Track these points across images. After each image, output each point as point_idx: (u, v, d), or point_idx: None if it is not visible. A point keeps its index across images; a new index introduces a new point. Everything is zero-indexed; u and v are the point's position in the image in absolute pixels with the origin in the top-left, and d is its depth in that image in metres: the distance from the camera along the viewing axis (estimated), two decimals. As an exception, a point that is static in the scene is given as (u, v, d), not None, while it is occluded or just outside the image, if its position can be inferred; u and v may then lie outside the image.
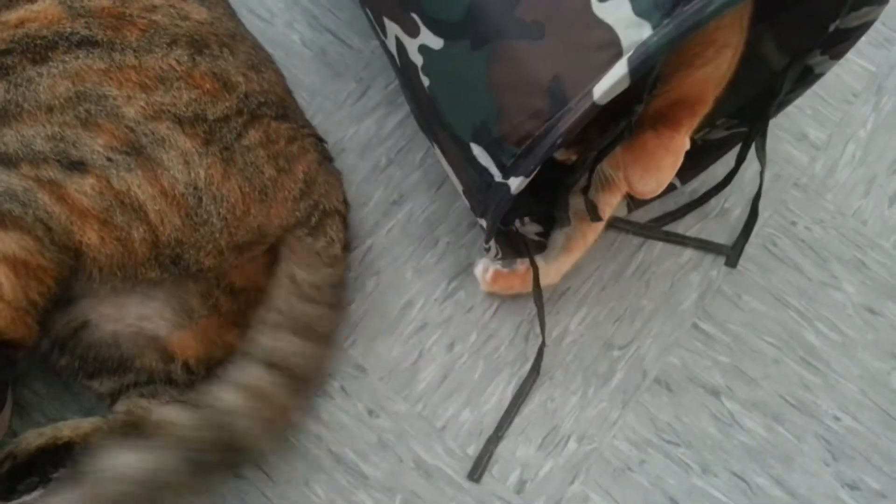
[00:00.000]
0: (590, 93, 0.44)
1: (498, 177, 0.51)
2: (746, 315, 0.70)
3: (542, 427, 0.67)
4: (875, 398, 0.68)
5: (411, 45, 0.55)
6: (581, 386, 0.68)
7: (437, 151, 0.61)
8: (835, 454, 0.67)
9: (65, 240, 0.54)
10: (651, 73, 0.49)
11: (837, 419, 0.68)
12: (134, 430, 0.60)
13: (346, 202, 0.67)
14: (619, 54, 0.44)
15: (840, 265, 0.72)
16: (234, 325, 0.63)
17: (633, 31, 0.43)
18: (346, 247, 0.67)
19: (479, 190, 0.54)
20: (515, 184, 0.49)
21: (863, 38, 0.59)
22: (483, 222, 0.56)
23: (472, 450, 0.66)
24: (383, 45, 0.62)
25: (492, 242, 0.60)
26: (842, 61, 0.64)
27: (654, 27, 0.43)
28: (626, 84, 0.44)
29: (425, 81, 0.55)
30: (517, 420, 0.67)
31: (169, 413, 0.57)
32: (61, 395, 0.65)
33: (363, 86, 0.75)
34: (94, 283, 0.56)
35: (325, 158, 0.67)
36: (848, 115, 0.76)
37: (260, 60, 0.65)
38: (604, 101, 0.44)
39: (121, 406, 0.61)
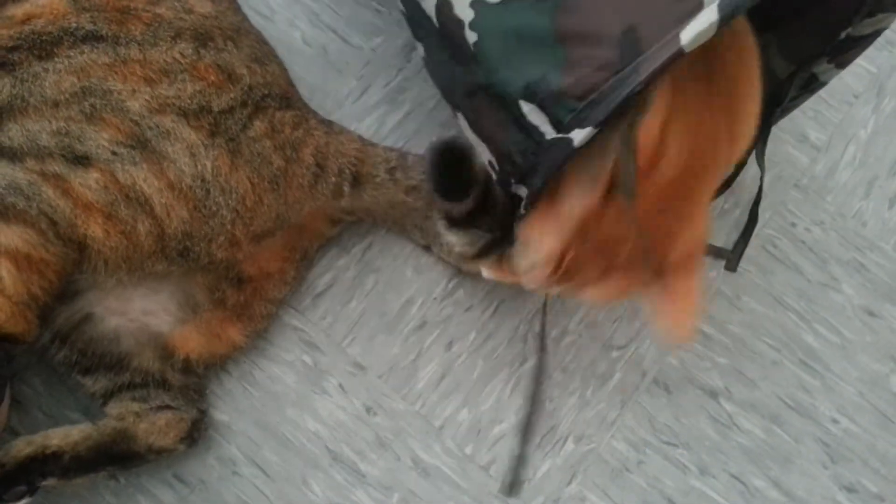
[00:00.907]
0: (675, 38, 0.43)
1: (550, 134, 0.49)
2: (745, 316, 0.70)
3: (541, 427, 0.67)
4: (873, 401, 0.68)
5: (461, 1, 0.53)
6: (579, 386, 0.68)
7: (464, 122, 0.59)
8: (833, 456, 0.67)
9: (69, 233, 0.54)
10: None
11: (836, 421, 0.68)
12: (123, 438, 0.60)
13: (361, 138, 0.68)
14: (700, 5, 0.43)
15: (840, 267, 0.72)
16: (239, 318, 0.63)
17: None
18: (394, 151, 0.69)
19: (524, 152, 0.52)
20: (581, 136, 0.47)
21: (864, 40, 0.59)
22: (522, 189, 0.54)
23: (470, 449, 0.66)
24: (411, 6, 0.59)
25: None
26: (843, 63, 0.64)
27: None
28: (714, 31, 0.42)
29: (471, 37, 0.53)
30: (515, 419, 0.67)
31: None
32: (59, 392, 0.65)
33: (364, 84, 0.75)
34: (99, 276, 0.57)
35: (330, 127, 0.67)
36: (849, 117, 0.76)
37: (264, 54, 0.65)
38: (692, 47, 0.43)
39: (113, 408, 0.62)
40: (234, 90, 0.59)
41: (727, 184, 0.69)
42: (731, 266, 0.70)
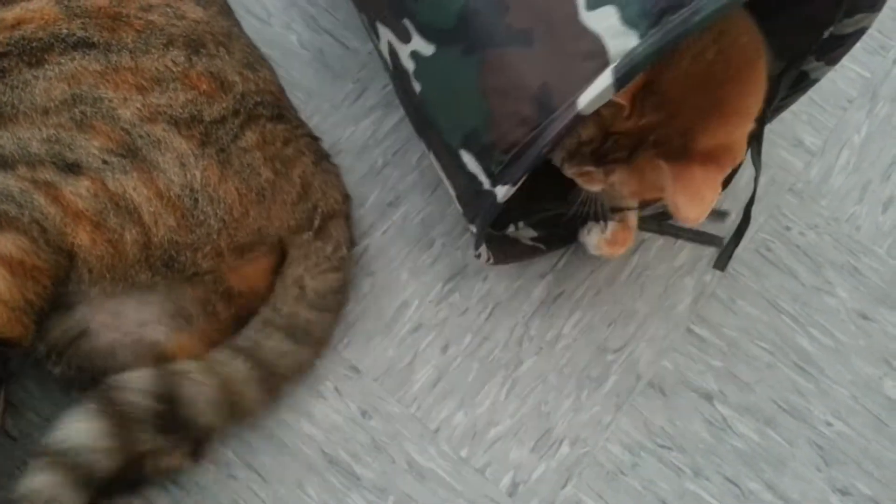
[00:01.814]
0: (574, 103, 0.44)
1: (486, 184, 0.51)
2: (740, 320, 0.70)
3: (536, 430, 0.67)
4: (867, 404, 0.69)
5: (403, 51, 0.55)
6: (575, 389, 0.68)
7: (432, 156, 0.61)
8: (827, 459, 0.67)
9: (59, 241, 0.54)
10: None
11: (829, 424, 0.68)
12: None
13: (346, 197, 0.68)
14: (605, 64, 0.44)
15: (834, 271, 0.72)
16: (237, 330, 0.63)
17: (621, 41, 0.43)
18: (352, 243, 0.67)
19: (469, 196, 0.54)
20: (502, 192, 0.49)
21: (857, 45, 0.59)
22: (473, 228, 0.56)
23: (466, 452, 0.66)
24: (377, 49, 0.62)
25: (482, 248, 0.60)
26: (837, 67, 0.64)
27: (640, 37, 0.43)
28: (611, 94, 0.44)
29: (416, 87, 0.55)
30: (510, 422, 0.67)
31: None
32: (54, 395, 0.65)
33: (360, 87, 0.76)
34: (84, 286, 0.56)
35: (320, 157, 0.67)
36: (843, 122, 0.76)
37: (255, 59, 0.65)
38: (588, 112, 0.44)
39: None
40: (226, 99, 0.59)
41: (722, 186, 0.69)
42: (721, 265, 0.70)
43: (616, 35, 0.43)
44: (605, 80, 0.43)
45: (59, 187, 0.54)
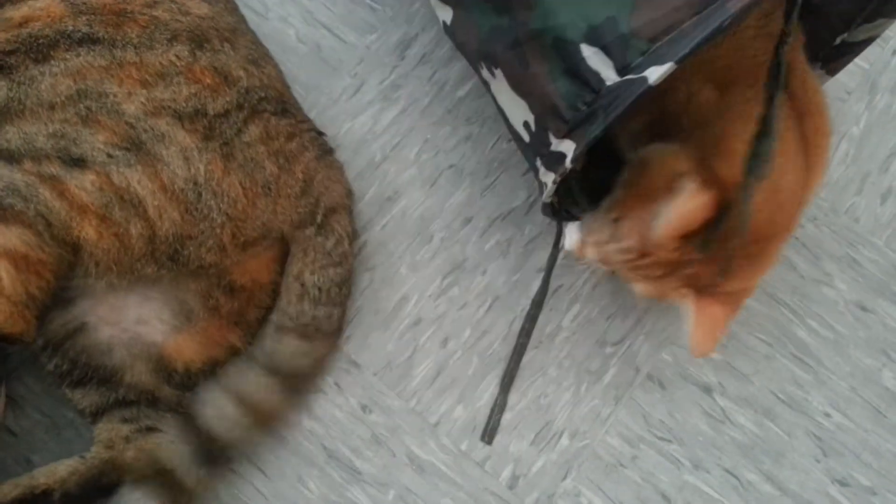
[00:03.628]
0: None
1: (611, 80, 0.49)
2: (739, 312, 0.70)
3: (535, 423, 0.67)
4: (865, 395, 0.69)
5: None
6: (574, 382, 0.68)
7: (500, 82, 0.58)
8: (825, 450, 0.67)
9: (63, 235, 0.54)
10: None
11: (828, 416, 0.68)
12: (111, 469, 0.60)
13: (349, 192, 0.68)
14: None
15: (832, 262, 0.72)
16: (236, 325, 0.63)
17: None
18: (354, 237, 0.68)
19: (575, 104, 0.51)
20: (658, 72, 0.46)
21: (856, 36, 0.59)
22: (565, 145, 0.53)
23: (466, 445, 0.66)
24: None
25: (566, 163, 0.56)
26: (836, 59, 0.64)
27: None
28: None
29: None
30: (509, 415, 0.67)
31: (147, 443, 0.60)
32: (55, 391, 0.65)
33: (358, 81, 0.75)
34: (90, 279, 0.57)
35: (324, 152, 0.67)
36: (841, 113, 0.76)
37: (260, 55, 0.65)
38: None
39: (102, 430, 0.61)
40: (230, 93, 0.59)
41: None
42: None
43: None
44: None
45: (64, 181, 0.54)
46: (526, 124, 0.56)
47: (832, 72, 0.60)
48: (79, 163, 0.55)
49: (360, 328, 0.69)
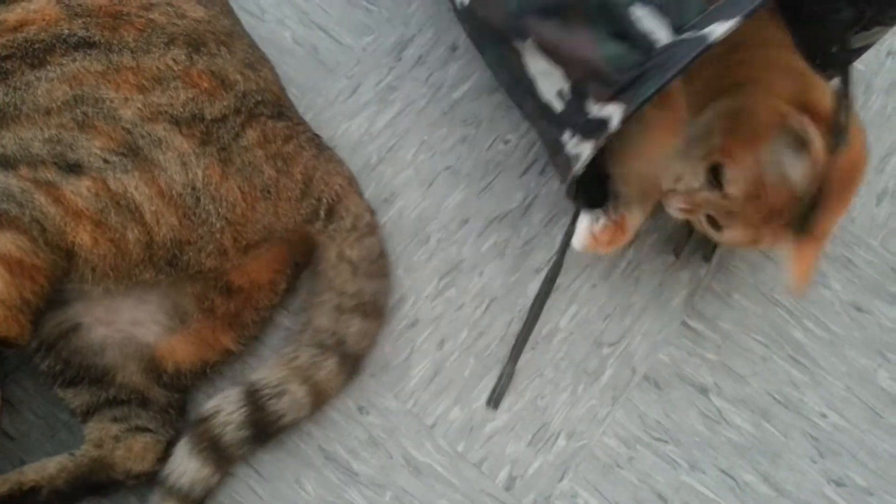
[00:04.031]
0: None
1: (664, 40, 0.49)
2: (735, 313, 0.71)
3: (532, 424, 0.67)
4: (861, 395, 0.69)
5: None
6: (571, 383, 0.68)
7: (532, 53, 0.58)
8: (821, 451, 0.67)
9: (57, 240, 0.54)
10: None
11: (824, 416, 0.68)
12: (100, 466, 0.60)
13: (351, 179, 0.68)
14: None
15: (828, 263, 0.72)
16: (230, 327, 0.63)
17: None
18: (373, 212, 0.68)
19: (623, 66, 0.51)
20: (722, 29, 0.46)
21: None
22: (609, 109, 0.53)
23: (462, 447, 0.66)
24: None
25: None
26: (831, 61, 0.64)
27: None
28: None
29: None
30: (506, 417, 0.67)
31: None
32: (50, 394, 0.65)
33: (354, 83, 0.75)
34: (86, 284, 0.56)
35: (321, 149, 0.66)
36: (837, 114, 0.76)
37: (256, 58, 0.65)
38: None
39: (92, 429, 0.61)
40: (227, 97, 0.59)
41: None
42: (707, 256, 0.71)
43: None
44: None
45: (59, 187, 0.54)
46: (560, 93, 0.56)
47: (828, 78, 0.61)
48: (75, 168, 0.55)
49: (356, 330, 0.69)
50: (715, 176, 0.56)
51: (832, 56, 0.59)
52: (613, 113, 0.52)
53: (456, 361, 0.68)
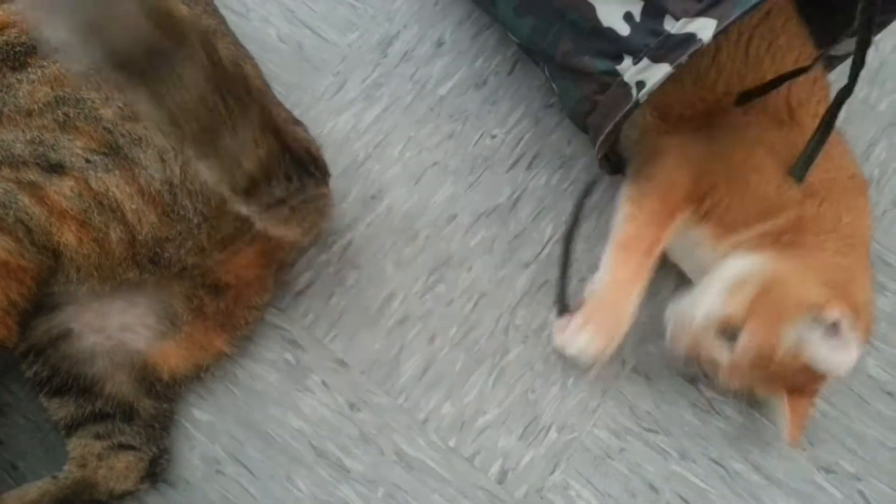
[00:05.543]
0: None
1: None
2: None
3: (523, 417, 0.67)
4: (850, 383, 0.69)
5: None
6: (561, 376, 0.69)
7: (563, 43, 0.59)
8: (811, 439, 0.68)
9: (43, 241, 0.54)
10: None
11: (813, 404, 0.69)
12: (83, 488, 0.59)
13: (295, 121, 0.65)
14: None
15: (814, 252, 0.73)
16: (222, 328, 0.63)
17: None
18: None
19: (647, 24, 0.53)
20: None
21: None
22: (697, 24, 0.53)
23: (454, 442, 0.66)
24: None
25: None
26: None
27: None
28: None
29: None
30: (497, 411, 0.67)
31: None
32: (40, 399, 0.64)
33: (340, 80, 0.75)
34: (72, 286, 0.56)
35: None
36: (821, 104, 0.77)
37: (240, 56, 0.65)
38: None
39: (76, 445, 0.61)
40: None
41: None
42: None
43: None
44: None
45: (43, 187, 0.54)
46: (628, 15, 0.56)
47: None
48: (57, 169, 0.55)
49: (346, 327, 0.69)
50: (730, 335, 0.59)
51: (820, 60, 0.60)
52: (702, 28, 0.53)
53: (446, 357, 0.69)
